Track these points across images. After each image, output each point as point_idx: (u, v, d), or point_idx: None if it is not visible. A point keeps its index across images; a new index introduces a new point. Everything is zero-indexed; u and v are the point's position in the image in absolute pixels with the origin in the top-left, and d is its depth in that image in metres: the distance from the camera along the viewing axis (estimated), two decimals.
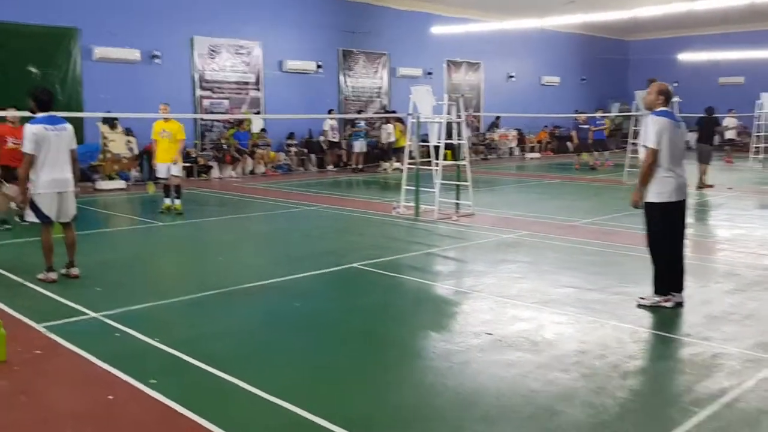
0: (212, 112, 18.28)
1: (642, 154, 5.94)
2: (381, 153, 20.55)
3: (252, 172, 18.22)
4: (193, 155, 17.16)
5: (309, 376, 4.51)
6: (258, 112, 18.93)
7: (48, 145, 6.60)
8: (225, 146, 18.07)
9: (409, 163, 11.61)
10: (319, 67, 20.43)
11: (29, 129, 6.63)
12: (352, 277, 7.30)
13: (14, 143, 9.63)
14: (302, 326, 5.61)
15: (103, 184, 14.92)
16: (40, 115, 6.74)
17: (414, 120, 11.43)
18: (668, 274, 5.97)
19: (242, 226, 10.86)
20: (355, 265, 7.60)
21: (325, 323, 5.72)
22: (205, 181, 16.72)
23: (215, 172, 17.57)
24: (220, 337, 5.27)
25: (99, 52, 16.04)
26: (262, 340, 5.28)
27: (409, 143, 11.98)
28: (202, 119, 17.95)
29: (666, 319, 5.72)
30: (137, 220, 11.42)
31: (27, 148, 6.59)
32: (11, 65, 14.76)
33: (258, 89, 19.33)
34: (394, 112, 20.96)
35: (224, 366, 4.51)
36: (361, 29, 21.48)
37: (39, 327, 5.33)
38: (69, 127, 6.89)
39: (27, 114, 9.03)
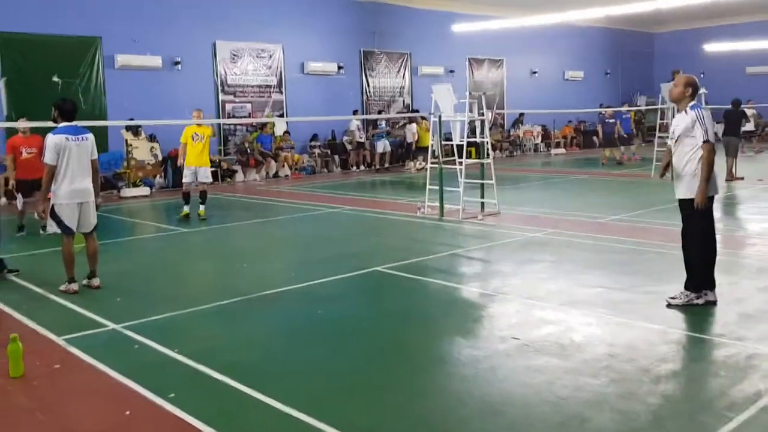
0: (235, 116, 18.33)
1: (687, 147, 5.71)
2: (405, 152, 20.44)
3: (276, 175, 18.22)
4: (217, 160, 17.20)
5: (331, 386, 4.40)
6: (281, 115, 18.93)
7: (69, 156, 6.59)
8: (248, 150, 18.10)
9: (433, 162, 11.48)
10: (340, 68, 20.39)
11: (51, 139, 6.62)
12: (376, 280, 7.19)
13: (28, 153, 9.69)
14: (325, 334, 5.52)
15: (128, 192, 15.01)
16: (62, 125, 6.74)
17: (436, 119, 11.30)
18: (704, 271, 5.77)
19: (266, 230, 10.81)
20: (378, 268, 7.50)
21: (348, 330, 5.62)
22: (229, 185, 16.74)
23: (239, 176, 17.61)
24: (241, 348, 5.20)
25: (121, 59, 16.16)
26: (284, 349, 5.18)
27: (432, 142, 11.85)
28: (225, 124, 17.99)
29: (697, 319, 5.52)
30: (161, 228, 11.43)
31: (48, 158, 6.58)
32: (35, 76, 14.97)
33: (280, 92, 19.35)
34: (416, 111, 20.84)
35: (244, 378, 4.42)
36: (382, 29, 21.40)
37: (59, 340, 5.30)
38: (90, 137, 6.88)
39: (36, 124, 9.08)
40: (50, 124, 7.03)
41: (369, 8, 21.09)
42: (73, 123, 6.85)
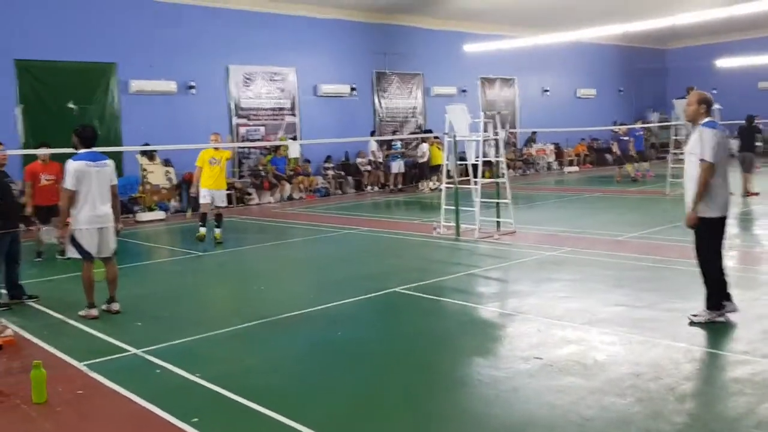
0: (249, 140, 18.45)
1: (692, 167, 5.71)
2: (419, 173, 20.49)
3: (290, 198, 18.29)
4: (232, 182, 17.30)
5: (351, 409, 4.38)
6: (294, 138, 19.05)
7: (89, 182, 6.67)
8: (263, 173, 18.19)
9: (448, 182, 11.49)
10: (353, 90, 20.53)
11: (71, 165, 6.70)
12: (394, 301, 7.17)
13: (47, 180, 9.78)
14: (345, 356, 5.50)
15: (143, 216, 15.10)
16: (82, 151, 6.82)
17: (450, 139, 11.32)
18: (719, 288, 5.74)
19: (282, 253, 10.83)
20: (396, 289, 7.48)
21: (368, 352, 5.60)
22: (243, 208, 16.81)
23: (254, 199, 17.68)
24: (262, 371, 5.19)
25: (136, 85, 16.35)
26: (305, 371, 5.16)
27: (446, 162, 11.86)
28: (239, 147, 18.09)
29: (720, 336, 5.46)
30: (177, 251, 11.49)
31: (68, 184, 6.66)
32: (52, 102, 15.15)
33: (294, 114, 19.47)
34: (430, 131, 20.91)
35: (268, 402, 4.41)
36: (395, 51, 21.55)
37: (80, 365, 5.31)
38: (110, 163, 6.96)
39: (57, 151, 9.19)
40: (70, 150, 7.11)
41: (381, 30, 21.26)
42: (93, 149, 6.93)
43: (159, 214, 15.38)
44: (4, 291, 7.29)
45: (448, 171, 11.68)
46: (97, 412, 4.51)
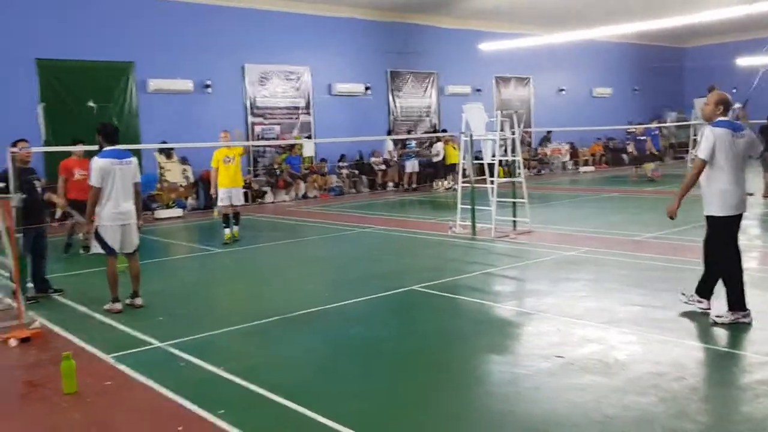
0: (264, 138, 18.55)
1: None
2: (434, 172, 20.51)
3: (305, 196, 18.37)
4: (248, 180, 17.40)
5: (372, 405, 4.44)
6: (309, 137, 19.12)
7: (113, 179, 6.77)
8: (278, 171, 18.29)
9: (464, 181, 11.51)
10: (367, 89, 20.59)
11: (96, 163, 6.84)
12: (411, 300, 7.21)
13: (81, 175, 9.94)
14: (363, 353, 5.55)
15: (161, 213, 15.23)
16: (106, 149, 6.93)
17: (467, 138, 11.35)
18: (738, 288, 5.74)
19: (298, 250, 10.90)
20: (413, 287, 7.52)
21: (386, 349, 5.63)
22: (259, 207, 16.91)
23: (269, 197, 17.78)
24: (283, 365, 5.26)
25: (153, 84, 16.50)
26: (324, 367, 5.21)
27: (462, 161, 11.88)
28: (253, 146, 18.20)
29: (743, 337, 5.46)
30: (195, 248, 11.59)
31: (93, 181, 6.78)
32: (71, 100, 15.32)
33: (308, 113, 19.55)
34: (444, 130, 20.93)
35: (290, 394, 4.47)
36: (409, 49, 21.58)
37: (107, 358, 5.41)
38: (134, 160, 7.08)
39: (92, 148, 9.34)
40: (94, 148, 7.22)
41: (395, 28, 21.30)
42: (117, 146, 7.03)
43: (177, 212, 15.51)
44: (31, 285, 7.41)
45: (464, 170, 11.70)
46: (125, 403, 4.60)
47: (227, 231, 11.27)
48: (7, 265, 6.50)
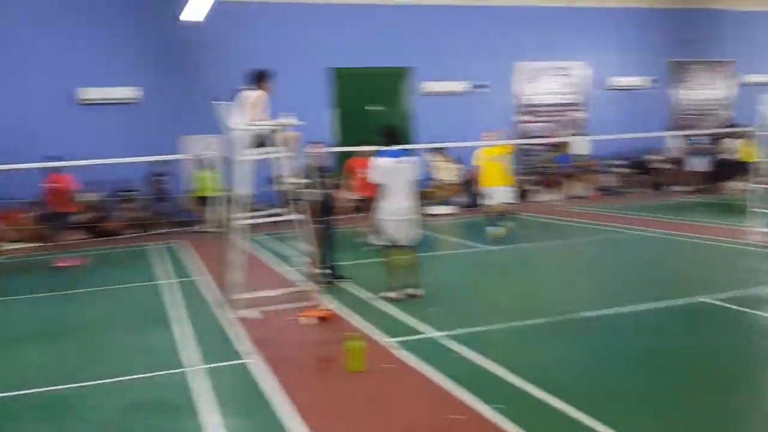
0: (534, 136, 18.37)
1: None
2: (726, 171, 18.45)
3: (576, 196, 17.80)
4: (517, 179, 17.36)
5: (668, 424, 4.07)
6: (581, 134, 18.52)
7: (391, 176, 7.18)
8: (547, 170, 17.98)
9: (760, 182, 10.19)
10: (648, 82, 19.46)
11: (375, 161, 7.32)
12: (703, 312, 6.50)
13: (363, 173, 10.74)
14: (652, 366, 5.08)
15: (433, 210, 15.82)
16: (387, 149, 7.37)
17: (764, 132, 10.04)
18: None
19: (568, 251, 10.53)
20: (702, 299, 6.82)
21: (677, 365, 5.10)
22: (528, 205, 16.74)
23: (538, 196, 17.55)
24: (562, 368, 5.08)
25: (426, 86, 17.45)
26: (608, 376, 4.92)
27: (758, 159, 10.56)
28: (522, 144, 18.11)
29: None
30: (464, 244, 11.80)
31: (374, 177, 7.25)
32: (357, 104, 16.88)
33: (580, 110, 18.93)
34: (735, 125, 18.83)
35: (573, 401, 4.29)
36: (697, 37, 19.84)
37: (387, 342, 5.74)
38: (412, 160, 7.43)
39: (371, 148, 10.01)
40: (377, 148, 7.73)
41: (679, 16, 19.72)
42: (396, 146, 7.43)
43: (447, 209, 16.00)
44: (328, 271, 8.17)
45: (758, 169, 10.36)
46: (406, 385, 4.83)
47: (494, 228, 11.33)
48: (307, 252, 7.17)
